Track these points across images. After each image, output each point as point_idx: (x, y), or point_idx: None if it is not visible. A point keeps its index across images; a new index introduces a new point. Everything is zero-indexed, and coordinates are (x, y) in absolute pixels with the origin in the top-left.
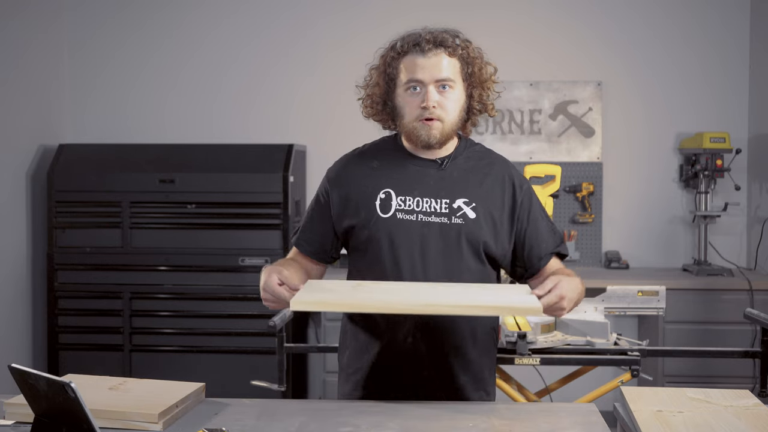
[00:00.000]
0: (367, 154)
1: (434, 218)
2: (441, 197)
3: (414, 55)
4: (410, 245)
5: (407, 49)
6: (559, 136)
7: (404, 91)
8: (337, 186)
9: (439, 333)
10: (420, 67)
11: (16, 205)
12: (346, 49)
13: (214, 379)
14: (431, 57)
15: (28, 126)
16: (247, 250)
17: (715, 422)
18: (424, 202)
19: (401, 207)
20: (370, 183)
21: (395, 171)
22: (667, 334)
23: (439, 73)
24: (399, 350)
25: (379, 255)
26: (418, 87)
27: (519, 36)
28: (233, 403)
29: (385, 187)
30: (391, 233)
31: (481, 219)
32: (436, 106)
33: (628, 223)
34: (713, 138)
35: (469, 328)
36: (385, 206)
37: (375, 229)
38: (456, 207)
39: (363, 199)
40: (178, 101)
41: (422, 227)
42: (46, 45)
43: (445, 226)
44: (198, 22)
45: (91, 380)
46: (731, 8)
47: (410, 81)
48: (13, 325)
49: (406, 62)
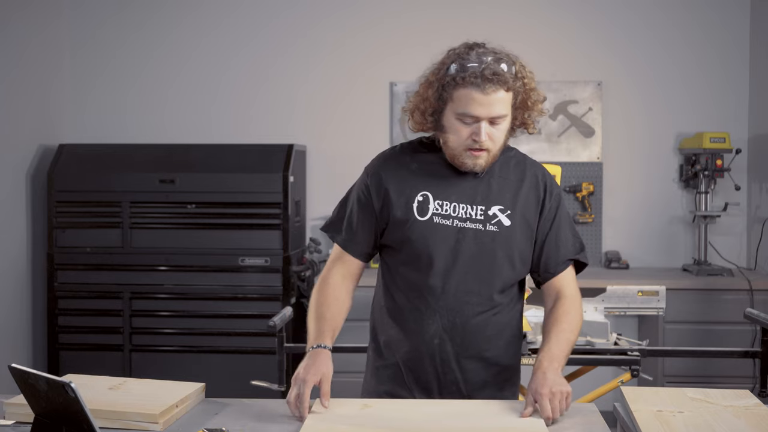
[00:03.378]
0: (405, 155)
1: (469, 224)
2: (477, 203)
3: (472, 90)
4: (445, 250)
5: (465, 81)
6: (559, 136)
7: (455, 117)
8: (376, 183)
9: (467, 333)
10: (477, 104)
11: (16, 205)
12: (346, 49)
13: (214, 379)
14: (489, 95)
15: (28, 126)
16: (247, 250)
17: (715, 422)
18: (460, 208)
19: (438, 211)
20: (408, 184)
21: (433, 175)
22: (667, 334)
23: (495, 112)
24: (426, 350)
25: (413, 257)
26: (470, 120)
27: (519, 36)
28: (233, 403)
29: (422, 189)
30: (426, 237)
31: (517, 226)
32: (486, 140)
33: (628, 223)
34: (713, 138)
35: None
36: (422, 209)
37: (411, 231)
38: (491, 214)
39: (401, 200)
40: (178, 101)
41: (457, 232)
42: (47, 45)
43: (480, 233)
44: (198, 22)
45: (91, 380)
46: (731, 8)
47: (465, 115)
48: (13, 325)
49: (462, 93)
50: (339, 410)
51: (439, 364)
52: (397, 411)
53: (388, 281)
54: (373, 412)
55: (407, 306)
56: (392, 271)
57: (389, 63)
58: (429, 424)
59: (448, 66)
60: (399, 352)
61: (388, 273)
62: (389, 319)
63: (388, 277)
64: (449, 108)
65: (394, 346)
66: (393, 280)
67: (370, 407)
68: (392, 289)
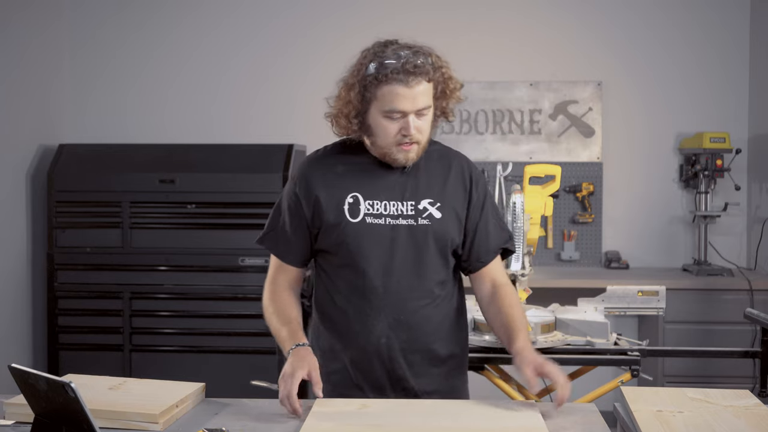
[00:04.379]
0: (330, 158)
1: (402, 221)
2: (406, 199)
3: (395, 85)
4: (380, 249)
5: (388, 78)
6: (559, 136)
7: (381, 116)
8: (304, 189)
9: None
10: (402, 98)
11: (16, 205)
12: (346, 49)
13: (214, 379)
14: (413, 87)
15: (28, 126)
16: (247, 250)
17: (715, 422)
18: (391, 205)
19: (369, 211)
20: (337, 188)
21: (360, 175)
22: (667, 334)
23: (420, 103)
24: (373, 350)
25: (348, 259)
26: (398, 115)
27: (519, 36)
28: (233, 403)
29: (352, 191)
30: (361, 238)
31: (447, 217)
32: (415, 133)
33: (628, 223)
34: (713, 138)
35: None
36: (353, 211)
37: (345, 234)
38: (422, 208)
39: (331, 204)
40: (178, 101)
41: (391, 230)
42: (47, 45)
43: (413, 228)
44: (198, 22)
45: (91, 380)
46: (731, 8)
47: (391, 111)
48: (13, 325)
49: (385, 90)
50: (338, 410)
51: (387, 362)
52: (396, 410)
53: (327, 285)
54: (373, 411)
55: (350, 308)
56: (330, 275)
57: None
58: (428, 423)
59: (367, 66)
60: (345, 355)
61: (326, 277)
62: (331, 324)
63: (327, 282)
64: (374, 107)
65: (340, 350)
66: (332, 284)
67: (368, 407)
68: (332, 293)
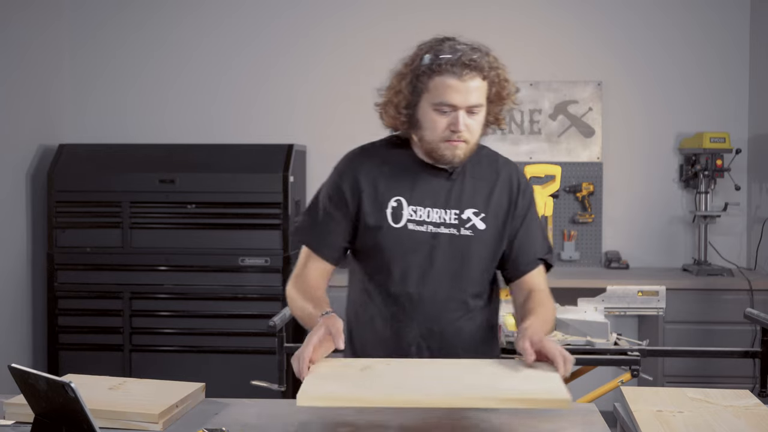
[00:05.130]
0: (376, 156)
1: (444, 229)
2: (450, 207)
3: (447, 77)
4: (419, 256)
5: (442, 69)
6: (559, 136)
7: (431, 108)
8: (350, 185)
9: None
10: (454, 91)
11: (16, 205)
12: (346, 49)
13: (214, 379)
14: (466, 82)
15: (28, 126)
16: (247, 250)
17: (715, 422)
18: (434, 213)
19: (412, 217)
20: (381, 188)
21: (406, 178)
22: (667, 334)
23: (472, 100)
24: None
25: (387, 264)
26: (448, 109)
27: (519, 36)
28: (233, 403)
29: (396, 194)
30: (401, 244)
31: (491, 229)
32: (464, 130)
33: (628, 223)
34: (713, 138)
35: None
36: (396, 215)
37: (384, 239)
38: (465, 218)
39: (374, 205)
40: (178, 101)
41: (432, 238)
42: (47, 45)
43: (455, 238)
44: (198, 22)
45: (91, 380)
46: (731, 8)
47: (442, 104)
48: (13, 325)
49: (438, 82)
50: (338, 371)
51: None
52: (399, 371)
53: (361, 287)
54: (375, 372)
55: (383, 313)
56: (365, 278)
57: (389, 63)
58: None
59: (422, 56)
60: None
61: (360, 279)
62: (362, 326)
63: (361, 284)
64: (424, 99)
65: (371, 350)
66: (366, 287)
67: (371, 368)
68: (365, 295)
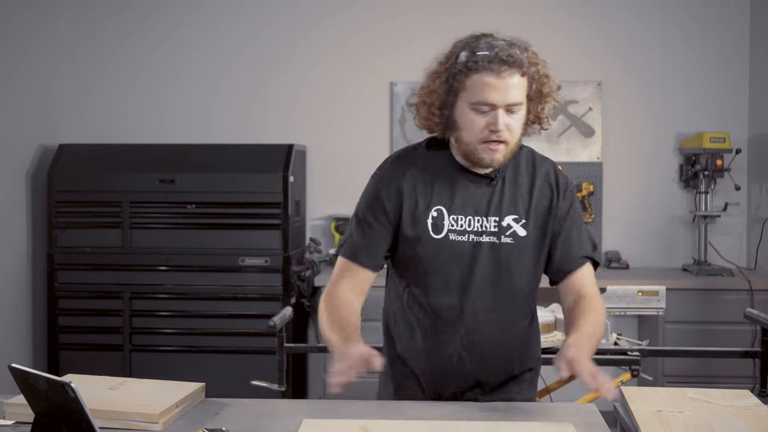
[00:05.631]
0: (414, 163)
1: (485, 237)
2: (491, 215)
3: (485, 75)
4: (460, 267)
5: (480, 66)
6: (559, 136)
7: (469, 108)
8: (392, 191)
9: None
10: (492, 89)
11: (16, 205)
12: (347, 49)
13: (214, 379)
14: (505, 79)
15: (28, 126)
16: (247, 250)
17: (715, 422)
18: (475, 221)
19: (453, 227)
20: (421, 198)
21: (446, 186)
22: (667, 334)
23: (512, 98)
24: (444, 366)
25: (426, 275)
26: (486, 108)
27: (519, 36)
28: (233, 403)
29: (437, 204)
30: (442, 255)
31: (532, 235)
32: (504, 130)
33: (628, 223)
34: (713, 138)
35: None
36: (437, 226)
37: (425, 250)
38: (505, 225)
39: (414, 215)
40: (179, 101)
41: (472, 248)
42: (47, 45)
43: (495, 246)
44: (198, 22)
45: (91, 380)
46: (731, 8)
47: (479, 103)
48: (13, 325)
49: (475, 80)
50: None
51: (458, 379)
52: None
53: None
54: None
55: (422, 323)
56: (403, 286)
57: (389, 63)
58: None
59: (458, 54)
60: (416, 366)
61: (399, 288)
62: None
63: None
64: (461, 99)
65: (409, 360)
66: (406, 296)
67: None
68: (404, 305)
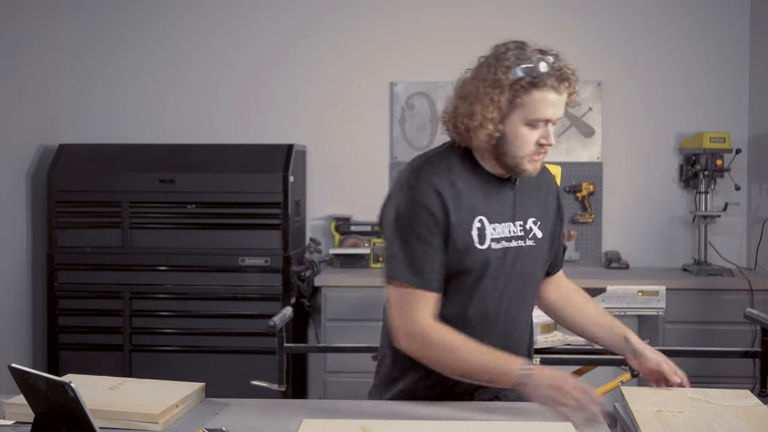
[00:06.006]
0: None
1: (514, 242)
2: (517, 219)
3: (547, 92)
4: (497, 274)
5: (541, 83)
6: (559, 136)
7: (523, 124)
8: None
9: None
10: (552, 106)
11: (16, 205)
12: (347, 49)
13: (214, 379)
14: (563, 93)
15: (28, 126)
16: (247, 250)
17: (715, 422)
18: (508, 228)
19: (494, 236)
20: (464, 207)
21: (480, 194)
22: (667, 334)
23: (562, 111)
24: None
25: (470, 286)
26: (542, 123)
27: (519, 36)
28: (233, 403)
29: (478, 214)
30: (484, 265)
31: (546, 236)
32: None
33: (628, 223)
34: (713, 138)
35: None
36: (481, 236)
37: (471, 261)
38: (528, 228)
39: (461, 226)
40: (179, 101)
41: (505, 253)
42: (47, 45)
43: (522, 250)
44: (198, 22)
45: (91, 380)
46: (731, 8)
47: (538, 120)
48: (13, 325)
49: (536, 97)
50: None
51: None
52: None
53: None
54: None
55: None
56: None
57: (389, 63)
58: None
59: (513, 69)
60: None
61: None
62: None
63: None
64: (516, 114)
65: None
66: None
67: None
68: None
